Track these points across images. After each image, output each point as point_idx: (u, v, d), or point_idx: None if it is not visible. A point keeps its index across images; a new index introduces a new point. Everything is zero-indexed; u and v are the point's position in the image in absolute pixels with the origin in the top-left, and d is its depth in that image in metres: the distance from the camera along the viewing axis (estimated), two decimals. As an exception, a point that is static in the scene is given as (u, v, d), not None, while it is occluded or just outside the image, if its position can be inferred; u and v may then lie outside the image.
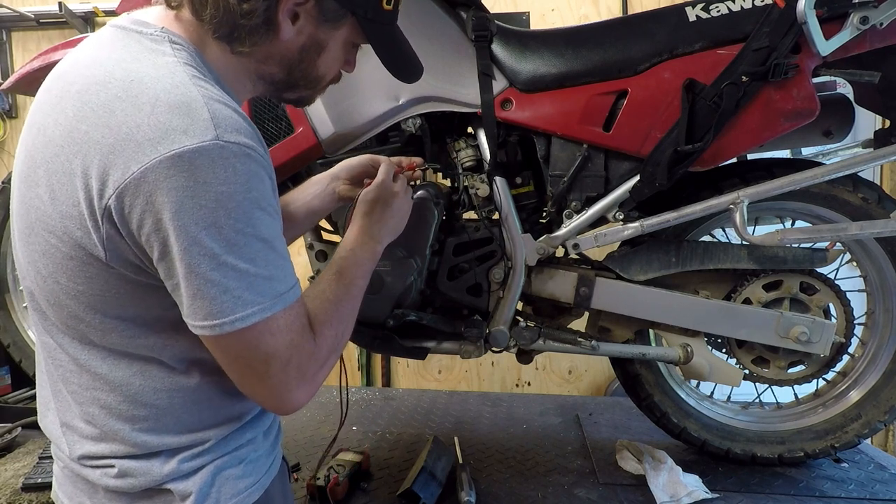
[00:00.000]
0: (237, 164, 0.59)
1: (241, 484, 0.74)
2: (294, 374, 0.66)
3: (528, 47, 1.20)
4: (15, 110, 2.81)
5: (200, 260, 0.58)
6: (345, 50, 0.79)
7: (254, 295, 0.61)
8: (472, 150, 1.25)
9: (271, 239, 0.64)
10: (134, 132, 0.56)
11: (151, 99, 0.58)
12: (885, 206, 1.22)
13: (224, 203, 0.58)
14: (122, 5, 1.38)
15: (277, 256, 0.64)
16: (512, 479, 1.34)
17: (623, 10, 2.56)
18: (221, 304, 0.59)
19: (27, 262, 0.68)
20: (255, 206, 0.61)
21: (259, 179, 0.61)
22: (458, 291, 1.27)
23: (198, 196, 0.56)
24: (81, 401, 0.69)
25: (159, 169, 0.56)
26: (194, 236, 0.57)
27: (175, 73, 0.61)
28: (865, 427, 1.32)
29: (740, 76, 1.08)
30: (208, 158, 0.57)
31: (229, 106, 0.62)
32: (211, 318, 0.60)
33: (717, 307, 1.26)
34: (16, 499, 1.21)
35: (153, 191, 0.56)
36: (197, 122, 0.57)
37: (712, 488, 1.25)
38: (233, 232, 0.59)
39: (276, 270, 0.64)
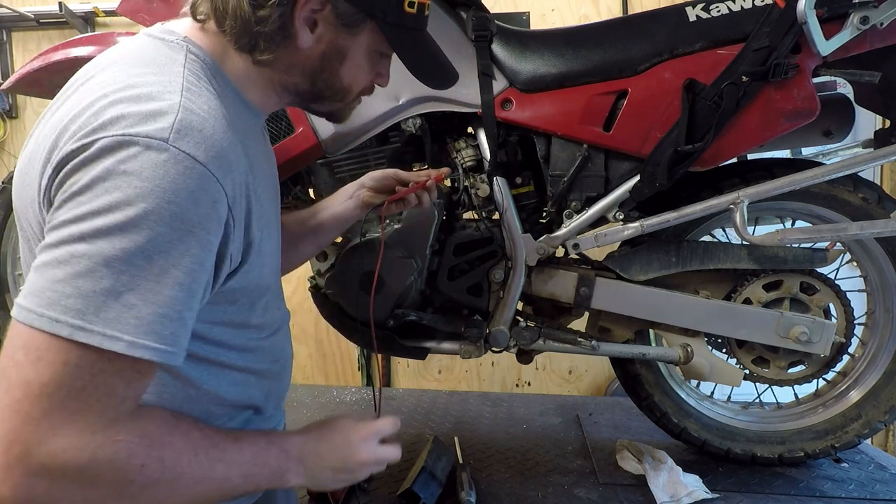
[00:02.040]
0: (174, 171, 0.53)
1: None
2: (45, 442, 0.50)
3: (529, 47, 1.20)
4: (15, 110, 2.81)
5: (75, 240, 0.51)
6: (370, 59, 0.75)
7: (83, 303, 0.50)
8: (472, 150, 1.25)
9: (163, 268, 0.53)
10: (94, 119, 0.55)
11: (132, 98, 0.57)
12: (885, 206, 1.22)
13: (136, 201, 0.52)
14: (122, 5, 1.38)
15: (153, 290, 0.53)
16: (512, 479, 1.34)
17: (623, 10, 2.55)
18: (45, 291, 0.51)
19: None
20: (162, 221, 0.53)
21: (192, 199, 0.55)
22: (459, 291, 1.27)
23: (114, 182, 0.52)
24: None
25: (98, 145, 0.53)
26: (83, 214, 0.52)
27: (172, 82, 0.60)
28: (866, 427, 1.32)
29: (740, 76, 1.08)
30: (146, 155, 0.53)
31: (211, 118, 0.59)
32: (29, 297, 0.52)
33: (717, 307, 1.26)
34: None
35: (83, 163, 0.53)
36: (158, 122, 0.55)
37: (712, 488, 1.25)
38: (119, 233, 0.51)
39: (136, 304, 0.52)
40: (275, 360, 0.82)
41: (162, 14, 1.35)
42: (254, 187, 0.68)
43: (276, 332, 0.83)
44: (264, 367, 0.79)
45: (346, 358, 2.76)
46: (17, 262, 1.81)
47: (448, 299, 1.29)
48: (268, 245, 0.74)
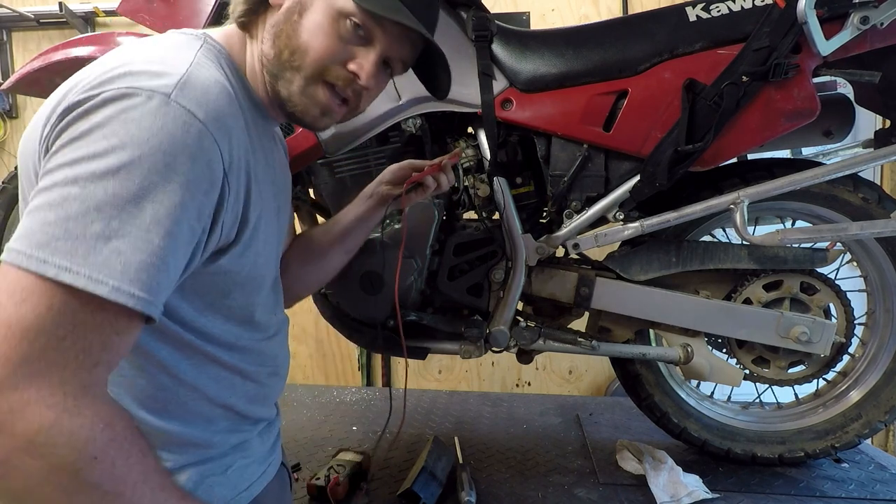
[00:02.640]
0: (172, 124, 0.54)
1: (227, 492, 0.71)
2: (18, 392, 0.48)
3: (529, 47, 1.20)
4: (15, 110, 2.81)
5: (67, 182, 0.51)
6: (333, 20, 0.69)
7: (72, 245, 0.50)
8: (472, 150, 1.25)
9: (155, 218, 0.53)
10: (102, 76, 0.57)
11: (142, 62, 0.58)
12: (885, 206, 1.22)
13: (130, 148, 0.52)
14: (122, 5, 1.38)
15: (142, 239, 0.52)
16: (512, 479, 1.34)
17: (623, 10, 2.55)
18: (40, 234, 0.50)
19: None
20: (156, 171, 0.53)
21: (187, 154, 0.55)
22: (459, 291, 1.27)
23: (113, 128, 0.53)
24: None
25: (100, 98, 0.54)
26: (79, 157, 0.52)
27: (184, 57, 0.62)
28: (866, 427, 1.32)
29: (741, 76, 1.07)
30: (146, 106, 0.54)
31: (215, 86, 0.61)
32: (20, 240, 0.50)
33: (717, 307, 1.26)
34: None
35: (86, 112, 0.54)
36: (162, 80, 0.56)
37: (713, 488, 1.25)
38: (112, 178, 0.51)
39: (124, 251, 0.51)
40: (264, 364, 0.79)
41: (162, 14, 1.35)
42: (255, 170, 0.68)
43: (271, 337, 0.81)
44: (252, 368, 0.76)
45: (346, 358, 2.76)
46: (17, 262, 1.80)
47: (448, 299, 1.29)
48: (264, 234, 0.73)
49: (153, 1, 1.36)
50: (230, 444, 0.74)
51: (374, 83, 0.75)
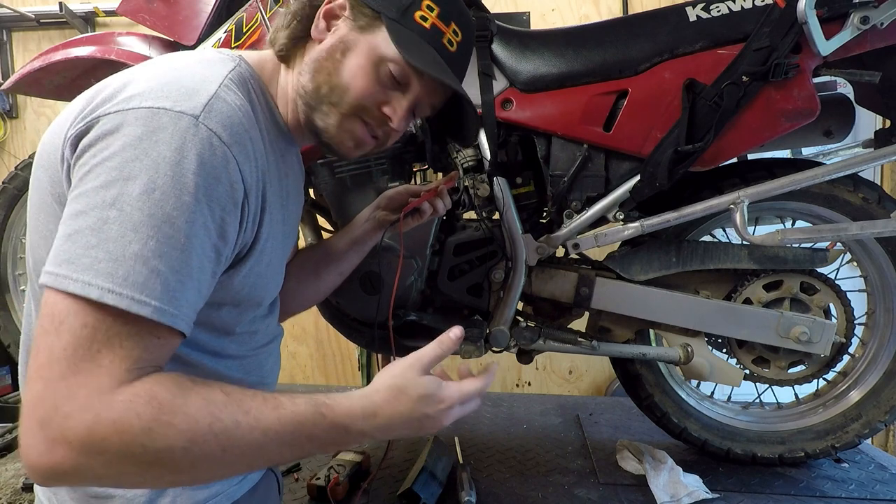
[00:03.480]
0: (200, 146, 0.56)
1: (201, 495, 0.71)
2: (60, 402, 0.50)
3: (529, 47, 1.20)
4: (15, 110, 2.81)
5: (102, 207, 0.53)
6: (375, 66, 0.72)
7: (120, 272, 0.51)
8: (472, 150, 1.25)
9: (189, 238, 0.55)
10: (133, 90, 0.59)
11: (174, 79, 0.60)
12: (885, 206, 1.22)
13: (163, 168, 0.54)
14: (122, 5, 1.38)
15: (182, 262, 0.55)
16: (512, 479, 1.34)
17: (623, 10, 2.55)
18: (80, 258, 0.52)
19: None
20: (188, 192, 0.55)
21: (214, 175, 0.57)
22: (459, 291, 1.27)
23: (144, 148, 0.54)
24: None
25: (132, 115, 0.56)
26: (111, 180, 0.53)
27: (214, 76, 0.64)
28: (866, 427, 1.32)
29: (741, 76, 1.07)
30: (176, 126, 0.56)
31: (240, 110, 0.63)
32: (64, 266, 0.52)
33: (717, 307, 1.26)
34: (16, 498, 1.21)
35: (112, 129, 0.56)
36: (191, 102, 0.58)
37: (713, 488, 1.25)
38: (146, 197, 0.53)
39: (169, 274, 0.54)
40: (249, 373, 0.79)
41: (162, 14, 1.35)
42: (269, 195, 0.70)
43: (260, 347, 0.81)
44: (236, 376, 0.76)
45: (346, 358, 2.76)
46: (17, 262, 1.80)
47: (448, 299, 1.29)
48: (269, 258, 0.73)
49: (153, 1, 1.36)
50: None
51: (404, 126, 0.78)
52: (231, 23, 1.28)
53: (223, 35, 1.27)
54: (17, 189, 1.70)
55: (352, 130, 0.75)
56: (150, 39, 1.41)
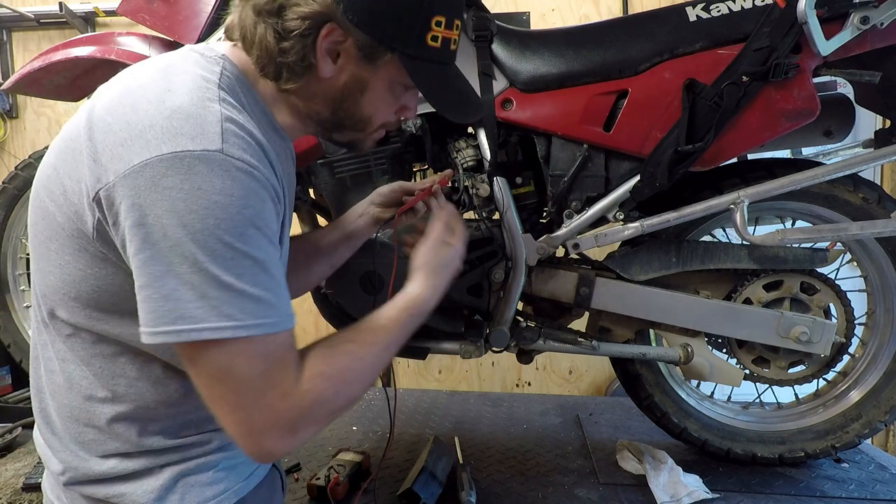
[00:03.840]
0: (237, 176, 0.58)
1: (209, 491, 0.72)
2: (266, 415, 0.61)
3: (529, 47, 1.20)
4: (15, 110, 2.81)
5: (180, 262, 0.56)
6: (391, 91, 0.75)
7: (233, 310, 0.58)
8: (472, 150, 1.25)
9: (264, 261, 0.61)
10: (146, 131, 0.58)
11: (173, 106, 0.60)
12: (885, 206, 1.22)
13: (216, 212, 0.57)
14: (122, 5, 1.38)
15: (269, 279, 0.61)
16: (512, 479, 1.34)
17: (623, 10, 2.55)
18: (193, 310, 0.56)
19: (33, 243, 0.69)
20: (249, 223, 0.59)
21: (259, 199, 0.61)
22: (459, 291, 1.27)
23: (190, 200, 0.56)
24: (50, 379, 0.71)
25: (159, 166, 0.56)
26: (178, 238, 0.56)
27: (209, 90, 0.63)
28: (866, 427, 1.32)
29: (741, 76, 1.07)
30: (208, 166, 0.57)
31: (245, 127, 0.63)
32: (179, 322, 0.56)
33: (717, 307, 1.26)
34: (16, 499, 1.21)
35: (148, 185, 0.56)
36: (206, 133, 0.58)
37: (713, 488, 1.25)
38: (220, 243, 0.57)
39: (267, 293, 0.60)
40: None
41: (162, 14, 1.35)
42: (287, 193, 0.72)
43: None
44: None
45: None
46: (17, 262, 1.80)
47: (448, 299, 1.28)
48: (285, 251, 0.77)
49: (153, 1, 1.36)
50: (215, 445, 0.75)
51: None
52: (231, 23, 1.27)
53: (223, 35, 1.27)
54: (17, 189, 1.70)
55: (374, 139, 0.82)
56: (150, 39, 1.41)
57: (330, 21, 0.66)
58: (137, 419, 0.70)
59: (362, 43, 0.68)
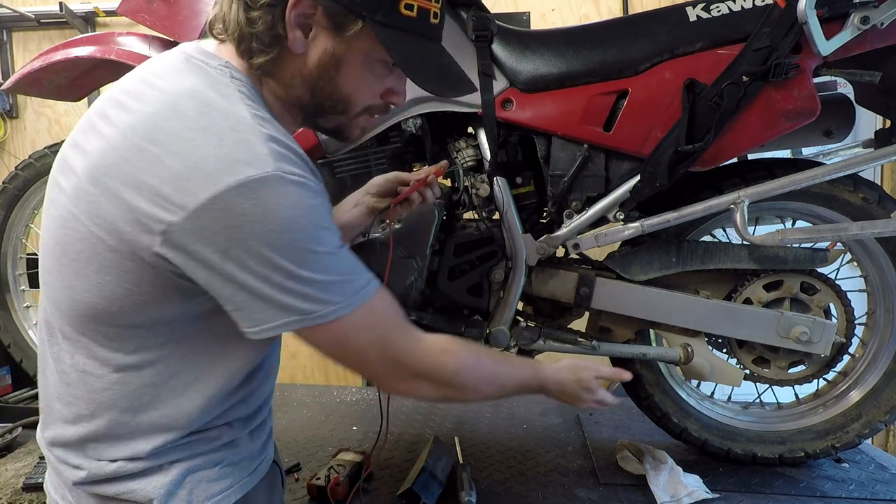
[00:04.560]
0: (295, 191, 0.62)
1: (216, 486, 0.73)
2: (393, 367, 0.73)
3: (529, 47, 1.20)
4: (15, 110, 2.81)
5: (275, 274, 0.62)
6: (370, 68, 0.73)
7: (331, 295, 0.66)
8: (472, 150, 1.25)
9: (337, 249, 0.68)
10: (202, 162, 0.60)
11: (219, 133, 0.61)
12: (885, 206, 1.22)
13: (291, 226, 0.62)
14: (122, 5, 1.38)
15: (344, 260, 0.69)
16: (512, 479, 1.34)
17: (623, 10, 2.55)
18: (300, 305, 0.64)
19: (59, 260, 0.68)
20: (317, 227, 0.65)
21: (316, 202, 0.65)
22: (459, 291, 1.27)
23: (266, 221, 0.60)
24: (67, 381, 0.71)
25: (227, 196, 0.59)
26: (266, 257, 0.61)
27: (238, 109, 0.65)
28: (866, 427, 1.32)
29: (741, 76, 1.07)
30: (270, 188, 0.60)
31: (283, 141, 0.65)
32: (293, 313, 0.64)
33: (717, 307, 1.26)
34: (16, 499, 1.21)
35: (223, 217, 0.59)
36: (258, 156, 0.61)
37: (713, 488, 1.25)
38: (303, 251, 0.63)
39: (348, 273, 0.68)
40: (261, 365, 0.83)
41: (162, 14, 1.35)
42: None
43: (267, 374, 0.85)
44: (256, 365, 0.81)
45: (346, 358, 2.76)
46: (17, 262, 1.81)
47: (448, 299, 1.29)
48: None
49: (153, 1, 1.36)
50: (222, 442, 0.76)
51: (405, 98, 0.81)
52: (231, 23, 1.27)
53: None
54: (18, 189, 1.70)
55: (358, 125, 0.80)
56: (150, 39, 1.41)
57: None
58: (157, 427, 0.71)
59: (332, 12, 0.67)
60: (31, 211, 1.77)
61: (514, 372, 0.88)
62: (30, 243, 1.82)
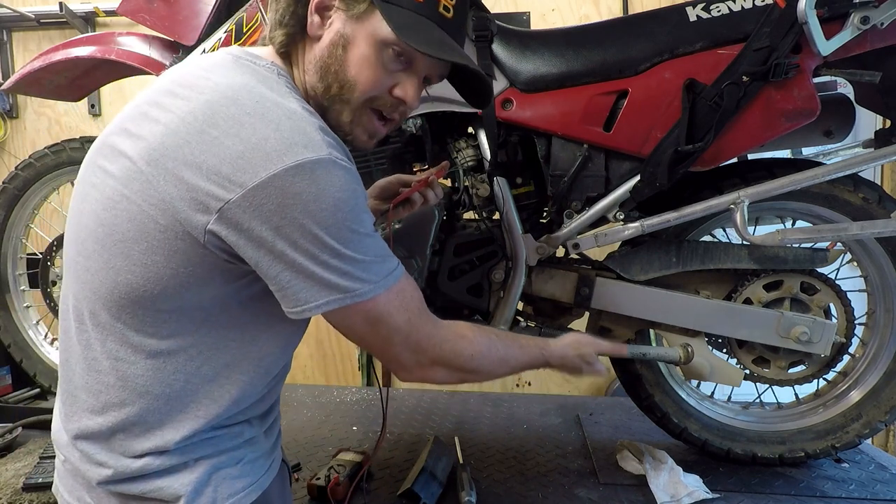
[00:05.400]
0: (344, 175, 0.66)
1: (239, 484, 0.74)
2: (414, 353, 0.77)
3: (529, 47, 1.20)
4: (15, 110, 2.81)
5: (321, 251, 0.65)
6: (378, 51, 0.73)
7: (369, 275, 0.70)
8: (472, 150, 1.25)
9: (373, 233, 0.72)
10: (262, 143, 0.63)
11: (275, 118, 0.65)
12: (885, 206, 1.22)
13: (341, 207, 0.66)
14: (122, 5, 1.38)
15: (378, 243, 0.73)
16: (512, 479, 1.34)
17: (623, 10, 2.55)
18: (343, 283, 0.68)
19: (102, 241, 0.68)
20: (361, 210, 0.69)
21: (360, 190, 0.70)
22: (459, 291, 1.27)
23: (319, 200, 0.64)
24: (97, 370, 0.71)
25: (286, 175, 0.62)
26: (316, 234, 0.64)
27: (289, 101, 0.69)
28: (866, 427, 1.32)
29: (741, 76, 1.08)
30: (325, 169, 0.64)
31: (329, 132, 0.70)
32: (336, 291, 0.68)
33: (717, 307, 1.26)
34: (16, 499, 1.21)
35: (280, 194, 0.63)
36: (313, 141, 0.65)
37: (713, 488, 1.25)
38: (349, 231, 0.67)
39: (382, 255, 0.73)
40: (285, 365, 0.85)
41: (162, 14, 1.35)
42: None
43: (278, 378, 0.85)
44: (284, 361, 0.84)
45: (346, 358, 2.76)
46: (17, 262, 1.81)
47: (448, 299, 1.29)
48: None
49: (153, 1, 1.36)
50: (243, 439, 0.78)
51: (418, 102, 0.81)
52: (231, 23, 1.28)
53: (223, 35, 1.27)
54: (18, 189, 1.70)
55: (363, 124, 0.79)
56: (150, 39, 1.42)
57: None
58: (187, 415, 0.72)
59: None
60: (31, 211, 1.77)
61: (523, 353, 0.92)
62: (30, 243, 1.82)
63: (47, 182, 1.71)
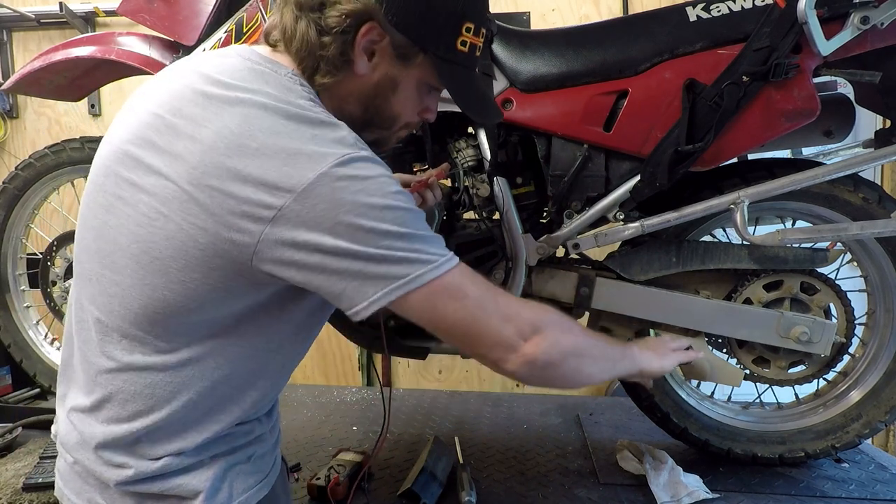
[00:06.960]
0: (382, 168, 0.69)
1: (251, 479, 0.77)
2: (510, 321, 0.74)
3: (529, 47, 1.20)
4: (15, 110, 2.81)
5: (385, 238, 0.66)
6: (419, 91, 0.81)
7: (438, 248, 0.71)
8: (472, 150, 1.25)
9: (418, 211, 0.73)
10: (302, 147, 0.64)
11: (310, 125, 0.67)
12: (885, 206, 1.22)
13: (387, 192, 0.67)
14: (122, 6, 1.38)
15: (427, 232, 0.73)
16: (512, 479, 1.34)
17: (623, 10, 2.55)
18: (421, 257, 0.68)
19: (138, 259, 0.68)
20: (401, 192, 0.70)
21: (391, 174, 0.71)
22: (459, 291, 1.27)
23: (367, 190, 0.65)
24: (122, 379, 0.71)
25: (331, 173, 0.64)
26: (366, 224, 0.65)
27: (316, 110, 0.70)
28: (866, 427, 1.32)
29: (741, 76, 1.07)
30: (365, 162, 0.67)
31: (355, 134, 0.71)
32: (417, 265, 0.67)
33: (717, 307, 1.26)
34: (17, 499, 1.21)
35: (329, 193, 0.64)
36: (348, 141, 0.68)
37: (713, 488, 1.25)
38: (402, 211, 0.68)
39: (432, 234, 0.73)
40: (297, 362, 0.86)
41: (162, 14, 1.35)
42: None
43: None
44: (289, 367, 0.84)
45: (346, 358, 2.76)
46: (17, 262, 1.80)
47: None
48: None
49: (153, 1, 1.36)
50: (254, 436, 0.80)
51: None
52: (231, 23, 1.28)
53: (223, 35, 1.27)
54: (18, 189, 1.70)
55: (398, 137, 0.87)
56: (150, 39, 1.42)
57: (371, 20, 0.72)
58: (211, 419, 0.73)
59: (398, 43, 0.74)
60: (31, 211, 1.77)
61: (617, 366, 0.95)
62: (30, 243, 1.82)
63: (47, 182, 1.71)
